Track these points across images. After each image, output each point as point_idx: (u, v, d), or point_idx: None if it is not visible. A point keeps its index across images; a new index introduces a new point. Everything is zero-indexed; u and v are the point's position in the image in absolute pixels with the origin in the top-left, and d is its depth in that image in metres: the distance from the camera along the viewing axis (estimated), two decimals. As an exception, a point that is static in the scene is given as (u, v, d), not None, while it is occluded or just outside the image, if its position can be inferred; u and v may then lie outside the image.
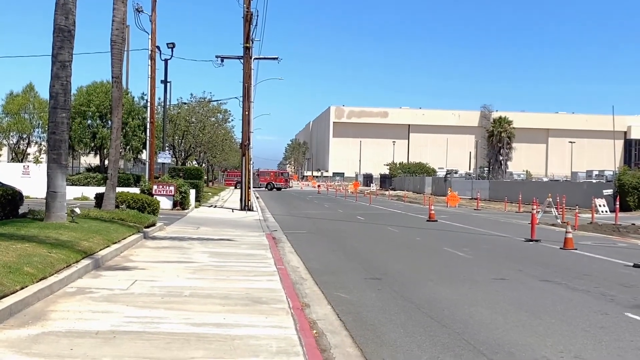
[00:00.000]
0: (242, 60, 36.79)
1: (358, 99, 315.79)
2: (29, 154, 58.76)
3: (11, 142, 59.02)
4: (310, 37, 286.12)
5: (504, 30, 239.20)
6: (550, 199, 34.02)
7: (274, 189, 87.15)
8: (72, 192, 32.84)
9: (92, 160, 57.57)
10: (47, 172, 16.87)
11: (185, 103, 59.94)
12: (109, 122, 36.44)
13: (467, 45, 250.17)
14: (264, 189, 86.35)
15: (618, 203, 37.52)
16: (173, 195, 32.60)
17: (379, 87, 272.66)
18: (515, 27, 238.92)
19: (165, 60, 38.20)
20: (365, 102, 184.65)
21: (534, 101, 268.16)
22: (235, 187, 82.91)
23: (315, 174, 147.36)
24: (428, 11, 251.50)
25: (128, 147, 43.48)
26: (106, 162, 38.86)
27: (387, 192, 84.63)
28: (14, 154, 59.48)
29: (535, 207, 27.91)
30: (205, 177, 62.76)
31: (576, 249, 19.66)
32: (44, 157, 51.55)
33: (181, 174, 40.55)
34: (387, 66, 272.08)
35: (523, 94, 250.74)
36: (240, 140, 42.24)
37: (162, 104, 43.72)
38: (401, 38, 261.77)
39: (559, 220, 31.57)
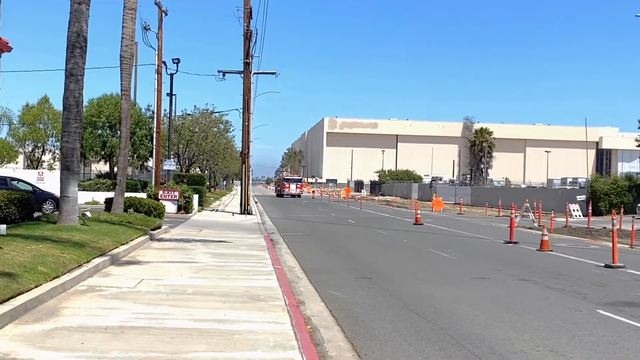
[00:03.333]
0: (242, 75, 36.84)
1: (350, 110, 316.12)
2: (43, 161, 58.78)
3: (27, 150, 59.04)
4: (306, 51, 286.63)
5: (487, 46, 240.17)
6: (528, 204, 34.13)
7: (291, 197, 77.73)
8: (84, 197, 32.77)
9: (102, 167, 57.58)
10: (60, 178, 16.85)
11: (189, 114, 59.88)
12: (118, 132, 36.44)
13: (452, 59, 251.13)
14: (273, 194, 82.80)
15: (590, 208, 37.69)
16: (177, 200, 32.54)
17: (370, 99, 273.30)
18: (497, 43, 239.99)
19: (171, 75, 38.28)
20: (356, 114, 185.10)
21: (513, 113, 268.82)
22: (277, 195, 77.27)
23: (310, 180, 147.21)
24: (415, 29, 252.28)
25: (136, 155, 43.46)
26: (115, 169, 38.79)
27: (376, 198, 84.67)
28: (29, 161, 59.44)
29: (513, 211, 27.97)
30: (208, 183, 62.61)
31: (552, 251, 19.71)
32: (57, 164, 51.51)
33: (185, 180, 40.46)
34: (378, 80, 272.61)
35: (503, 107, 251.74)
36: (241, 149, 42.19)
37: (168, 115, 43.73)
38: (391, 54, 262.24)
39: (535, 224, 31.65)
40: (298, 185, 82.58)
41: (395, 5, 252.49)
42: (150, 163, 43.17)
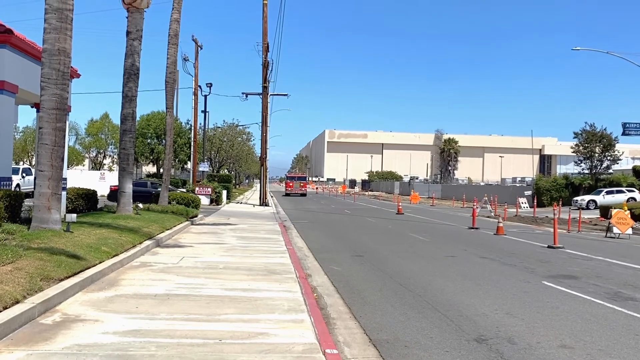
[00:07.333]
0: (261, 96, 36.80)
1: (346, 124, 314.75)
2: (104, 164, 58.96)
3: (91, 155, 59.22)
4: (311, 77, 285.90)
5: (451, 76, 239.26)
6: (486, 198, 34.05)
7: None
8: (136, 192, 32.69)
9: (151, 169, 57.63)
10: (118, 177, 16.85)
11: (219, 127, 60.03)
12: (163, 141, 36.41)
13: (425, 85, 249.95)
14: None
15: (535, 201, 37.56)
16: (210, 195, 32.56)
17: (362, 115, 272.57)
18: (462, 71, 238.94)
19: (205, 96, 38.33)
20: (351, 127, 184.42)
21: (474, 126, 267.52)
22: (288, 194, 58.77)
23: (314, 179, 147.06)
24: (395, 62, 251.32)
25: (177, 159, 43.44)
26: (161, 170, 38.80)
27: (366, 193, 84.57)
28: (93, 164, 59.58)
29: (475, 204, 27.90)
30: (234, 182, 62.54)
31: (505, 235, 19.66)
32: (115, 167, 51.59)
33: (216, 179, 40.50)
34: (368, 100, 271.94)
35: (466, 121, 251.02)
36: (260, 155, 42.15)
37: (202, 128, 43.69)
38: (379, 81, 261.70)
39: (492, 214, 31.57)
40: (302, 184, 60.60)
41: (381, 44, 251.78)
42: (189, 165, 43.15)
